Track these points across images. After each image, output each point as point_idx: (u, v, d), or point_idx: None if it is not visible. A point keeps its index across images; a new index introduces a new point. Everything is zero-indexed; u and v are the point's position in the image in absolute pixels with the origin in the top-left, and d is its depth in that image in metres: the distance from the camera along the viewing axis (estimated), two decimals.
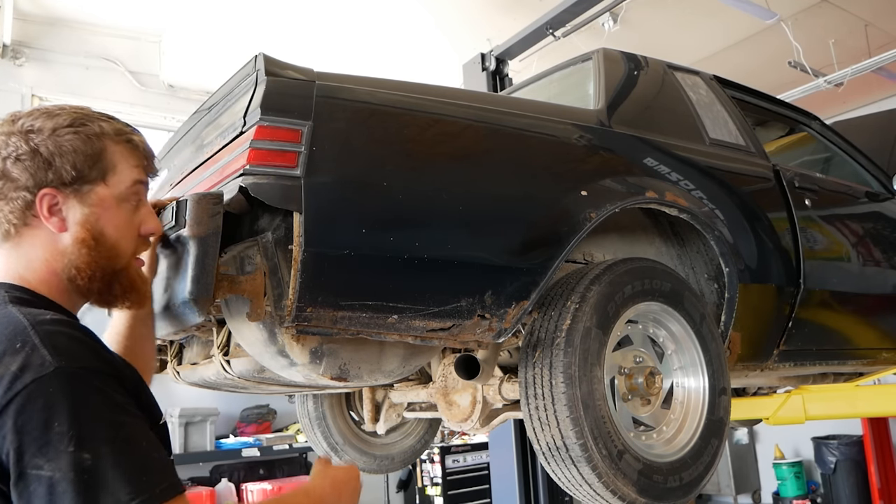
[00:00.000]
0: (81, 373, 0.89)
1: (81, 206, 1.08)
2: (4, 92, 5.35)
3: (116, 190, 1.11)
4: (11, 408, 0.85)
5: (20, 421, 0.84)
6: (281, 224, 1.44)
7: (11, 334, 0.91)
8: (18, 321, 0.93)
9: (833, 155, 3.19)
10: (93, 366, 0.92)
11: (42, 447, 0.83)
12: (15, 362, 0.87)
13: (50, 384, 0.86)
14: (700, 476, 1.79)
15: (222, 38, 5.43)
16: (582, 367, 1.62)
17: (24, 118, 1.09)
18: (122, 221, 1.12)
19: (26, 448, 0.83)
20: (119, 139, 1.12)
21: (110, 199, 1.10)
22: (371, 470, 2.68)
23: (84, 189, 1.08)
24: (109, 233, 1.10)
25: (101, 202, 1.09)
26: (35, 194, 1.05)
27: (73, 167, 1.06)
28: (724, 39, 5.81)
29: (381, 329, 1.49)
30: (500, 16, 5.27)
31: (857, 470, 6.10)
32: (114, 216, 1.11)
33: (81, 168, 1.07)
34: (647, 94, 2.31)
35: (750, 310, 2.16)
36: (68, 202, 1.08)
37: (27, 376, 0.86)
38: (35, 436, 0.84)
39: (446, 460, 6.31)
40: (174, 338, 1.95)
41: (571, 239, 1.71)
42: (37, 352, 0.88)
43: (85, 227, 1.08)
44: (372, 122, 1.57)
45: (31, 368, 0.87)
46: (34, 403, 0.85)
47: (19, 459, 0.83)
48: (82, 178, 1.07)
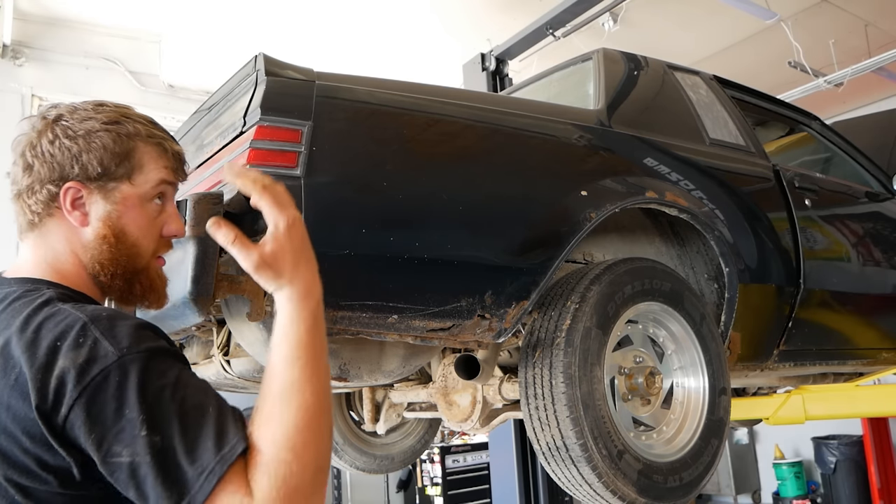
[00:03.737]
0: (140, 357, 0.92)
1: (105, 202, 1.09)
2: (4, 92, 5.35)
3: (141, 189, 1.11)
4: (82, 400, 0.88)
5: (93, 412, 0.88)
6: None
7: (71, 330, 0.93)
8: (76, 317, 0.95)
9: (833, 155, 3.19)
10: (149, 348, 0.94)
11: (117, 434, 0.87)
12: (80, 356, 0.90)
13: (115, 374, 0.89)
14: (700, 476, 1.79)
15: (222, 38, 5.43)
16: (582, 367, 1.62)
17: (62, 111, 1.10)
18: (144, 221, 1.12)
19: (103, 437, 0.87)
20: (151, 141, 1.13)
21: (134, 197, 1.11)
22: (371, 470, 2.68)
23: (109, 186, 1.09)
24: (131, 231, 1.11)
25: (125, 200, 1.10)
26: (60, 187, 1.06)
27: (99, 163, 1.07)
28: (724, 39, 5.81)
29: (381, 329, 1.49)
30: (501, 15, 5.28)
31: (857, 470, 6.10)
32: (137, 215, 1.11)
33: (108, 165, 1.08)
34: (647, 95, 2.31)
35: (750, 310, 2.16)
36: (92, 197, 1.08)
37: (93, 369, 0.89)
38: (109, 425, 0.87)
39: (446, 460, 6.31)
40: (174, 338, 1.95)
41: (571, 239, 1.71)
42: (99, 344, 0.91)
43: (107, 224, 1.09)
44: (372, 122, 1.57)
45: (97, 361, 0.89)
46: (104, 394, 0.88)
47: (99, 447, 0.87)
48: (108, 174, 1.08)
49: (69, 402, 0.88)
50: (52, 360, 0.90)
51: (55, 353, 0.90)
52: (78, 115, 1.09)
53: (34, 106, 5.50)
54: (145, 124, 1.14)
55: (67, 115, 1.09)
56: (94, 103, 1.13)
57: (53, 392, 0.88)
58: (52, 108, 1.12)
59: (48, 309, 0.98)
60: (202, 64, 5.74)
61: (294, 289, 1.00)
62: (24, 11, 5.30)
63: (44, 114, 1.11)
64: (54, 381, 0.89)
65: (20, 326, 0.96)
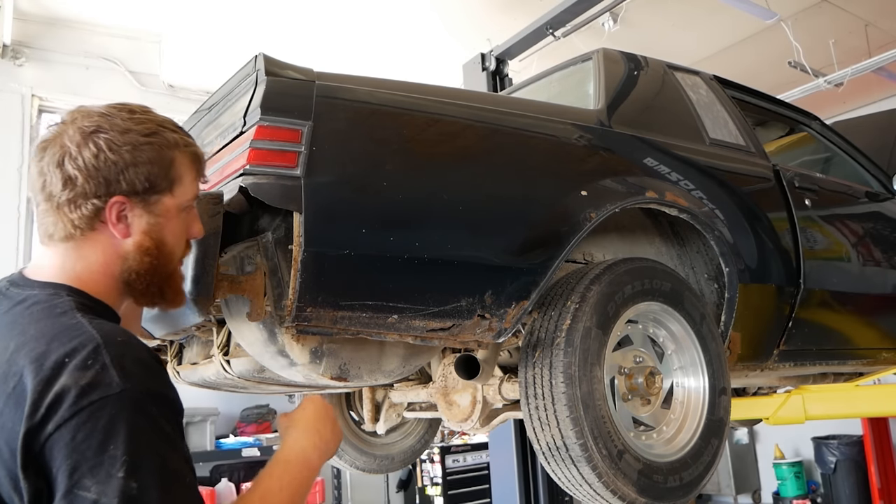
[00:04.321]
0: (143, 398, 0.90)
1: (148, 214, 1.10)
2: (4, 92, 5.35)
3: (180, 200, 1.13)
4: (73, 422, 0.86)
5: (78, 437, 0.85)
6: (281, 224, 1.45)
7: (83, 350, 0.91)
8: (90, 336, 0.93)
9: (833, 155, 3.19)
10: (154, 391, 0.93)
11: (94, 468, 0.84)
12: (84, 378, 0.88)
13: (113, 406, 0.87)
14: (700, 476, 1.79)
15: (222, 38, 5.43)
16: (582, 367, 1.62)
17: (98, 122, 1.07)
18: (180, 230, 1.15)
19: (78, 466, 0.84)
20: (186, 150, 1.15)
21: (174, 209, 1.13)
22: (371, 470, 2.68)
23: (152, 199, 1.10)
24: (169, 240, 1.13)
25: (167, 212, 1.12)
26: (106, 202, 1.06)
27: (146, 178, 1.08)
28: (724, 39, 5.81)
29: (381, 329, 1.49)
30: (501, 15, 5.28)
31: (857, 470, 6.10)
32: (175, 225, 1.14)
33: (154, 179, 1.09)
34: (647, 95, 2.31)
35: (750, 310, 2.16)
36: (135, 210, 1.09)
37: (94, 394, 0.87)
38: (89, 455, 0.85)
39: (446, 460, 6.31)
40: (174, 338, 1.95)
41: (571, 239, 1.71)
42: (106, 371, 0.89)
43: (149, 236, 1.10)
44: (372, 122, 1.57)
45: (99, 387, 0.88)
46: (95, 422, 0.86)
47: (70, 475, 0.84)
48: (153, 188, 1.09)
49: (58, 421, 0.85)
50: (57, 375, 0.88)
51: (61, 368, 0.89)
52: (117, 126, 1.07)
53: (34, 106, 5.49)
54: (177, 132, 1.15)
55: (106, 126, 1.07)
56: (125, 110, 1.11)
57: (47, 407, 0.86)
58: (82, 115, 1.09)
59: (65, 320, 0.97)
60: (202, 64, 5.74)
61: None
62: (24, 11, 5.29)
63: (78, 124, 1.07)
64: (52, 395, 0.87)
65: (34, 335, 0.95)
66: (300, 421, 1.22)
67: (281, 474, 1.10)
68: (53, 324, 0.96)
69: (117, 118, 1.09)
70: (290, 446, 1.17)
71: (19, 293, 1.05)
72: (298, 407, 1.27)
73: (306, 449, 1.17)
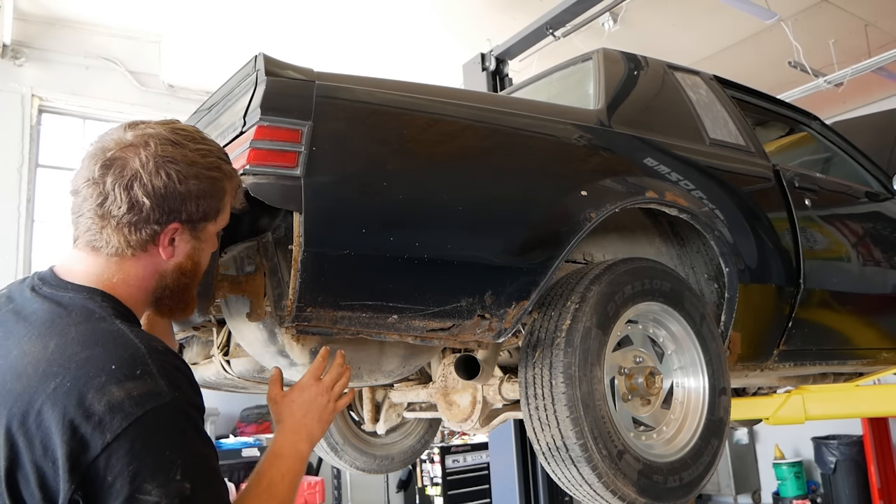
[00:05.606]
0: (188, 406, 0.97)
1: (194, 240, 1.15)
2: (4, 92, 5.36)
3: (219, 226, 1.20)
4: (130, 431, 0.89)
5: (137, 445, 0.89)
6: (281, 224, 1.45)
7: (131, 359, 0.95)
8: (135, 346, 0.97)
9: (833, 155, 3.19)
10: (194, 400, 1.00)
11: (154, 473, 0.89)
12: (136, 388, 0.92)
13: (166, 414, 0.93)
14: (700, 476, 1.79)
15: (222, 38, 5.43)
16: (582, 367, 1.62)
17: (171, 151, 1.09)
18: (211, 249, 1.21)
19: (139, 472, 0.89)
20: (233, 181, 1.20)
21: (213, 233, 1.19)
22: (371, 470, 2.68)
23: (200, 226, 1.15)
24: (202, 260, 1.19)
25: (209, 237, 1.18)
26: (163, 228, 1.09)
27: (204, 209, 1.13)
28: (724, 39, 5.81)
29: (381, 329, 1.49)
30: (501, 15, 5.28)
31: (857, 470, 6.10)
32: (209, 246, 1.20)
33: (207, 211, 1.14)
34: (647, 95, 2.31)
35: (750, 310, 2.16)
36: (184, 235, 1.13)
37: (147, 403, 0.91)
38: (149, 462, 0.89)
39: (446, 460, 6.31)
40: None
41: (571, 239, 1.71)
42: (156, 381, 0.94)
43: (191, 258, 1.16)
44: (372, 122, 1.57)
45: (151, 397, 0.92)
46: (151, 430, 0.91)
47: (132, 480, 0.88)
48: (205, 217, 1.15)
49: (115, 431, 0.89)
50: (107, 384, 0.91)
51: (110, 377, 0.91)
52: (187, 158, 1.10)
53: (34, 106, 5.50)
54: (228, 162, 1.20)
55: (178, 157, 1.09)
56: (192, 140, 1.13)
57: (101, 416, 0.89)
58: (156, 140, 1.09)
59: (105, 326, 0.99)
60: (202, 64, 5.74)
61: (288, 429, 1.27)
62: (24, 11, 5.30)
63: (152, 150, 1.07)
64: (104, 406, 0.89)
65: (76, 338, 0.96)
66: (288, 416, 1.29)
67: (280, 466, 1.20)
68: (94, 329, 0.98)
69: (187, 148, 1.11)
70: (281, 442, 1.25)
71: (54, 293, 1.06)
72: (294, 390, 1.33)
73: (297, 442, 1.26)
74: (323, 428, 1.32)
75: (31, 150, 5.43)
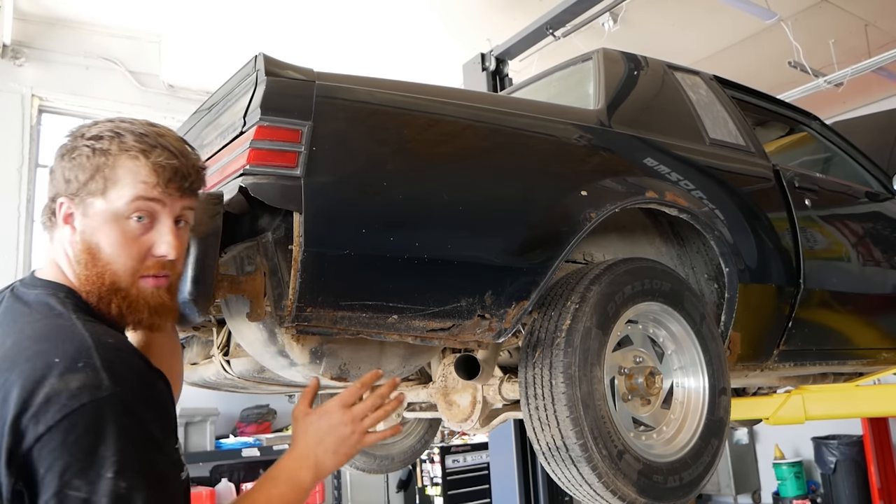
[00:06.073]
0: (133, 402, 0.92)
1: (83, 218, 1.10)
2: (4, 92, 5.35)
3: (114, 205, 1.08)
4: (63, 424, 0.87)
5: (69, 438, 0.87)
6: (281, 224, 1.45)
7: (75, 352, 0.93)
8: (82, 339, 0.95)
9: (833, 155, 3.19)
10: (144, 396, 0.95)
11: (84, 468, 0.86)
12: (75, 380, 0.89)
13: (103, 408, 0.89)
14: (700, 476, 1.79)
15: (222, 38, 5.43)
16: (582, 367, 1.62)
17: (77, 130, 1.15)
18: (119, 238, 1.09)
19: (69, 466, 0.86)
20: (128, 154, 1.10)
21: (107, 213, 1.09)
22: (371, 470, 2.68)
23: (87, 201, 1.09)
24: (105, 248, 1.08)
25: (97, 215, 1.09)
26: (56, 201, 1.11)
27: (75, 178, 1.09)
28: (724, 39, 5.81)
29: (381, 329, 1.49)
30: (501, 15, 5.27)
31: (857, 470, 6.10)
32: (110, 231, 1.08)
33: (84, 180, 1.09)
34: (647, 94, 2.31)
35: (750, 310, 2.16)
36: (76, 212, 1.10)
37: (84, 396, 0.89)
38: (80, 457, 0.87)
39: (446, 460, 6.31)
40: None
41: (571, 239, 1.71)
42: (97, 374, 0.91)
43: (83, 239, 1.09)
44: (372, 122, 1.57)
45: (89, 389, 0.89)
46: (86, 424, 0.88)
47: (61, 475, 0.86)
48: (84, 189, 1.09)
49: (49, 423, 0.87)
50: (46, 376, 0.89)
51: (51, 369, 0.90)
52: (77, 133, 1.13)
53: (34, 106, 5.50)
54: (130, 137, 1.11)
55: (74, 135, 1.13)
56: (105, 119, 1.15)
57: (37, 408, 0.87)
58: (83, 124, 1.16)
59: (61, 321, 0.99)
60: (202, 64, 5.74)
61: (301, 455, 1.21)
62: (24, 11, 5.29)
63: None
64: (41, 397, 0.88)
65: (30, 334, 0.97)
66: (301, 439, 1.23)
67: (270, 489, 1.15)
68: (49, 324, 0.98)
69: (89, 126, 1.14)
70: (282, 465, 1.19)
71: (25, 292, 1.08)
72: (316, 411, 1.27)
73: (299, 469, 1.19)
74: (338, 461, 1.23)
75: (31, 150, 5.43)
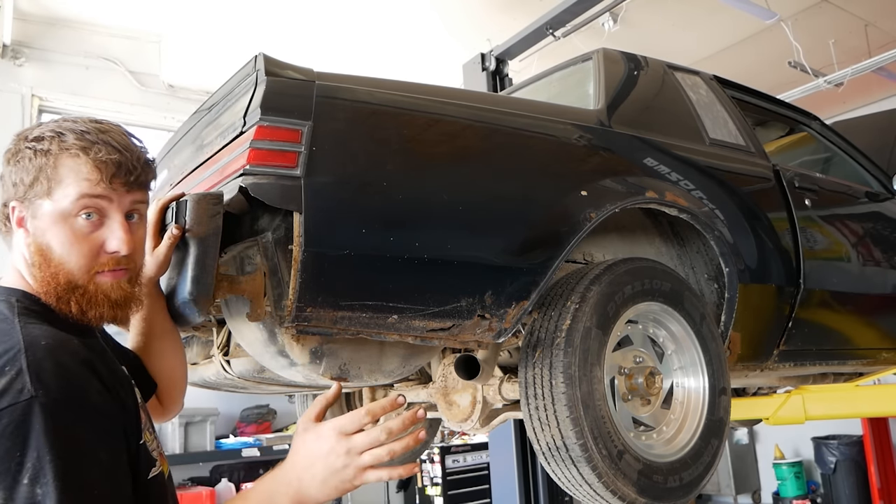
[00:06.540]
0: (56, 406, 0.88)
1: (33, 219, 1.09)
2: (4, 92, 5.35)
3: (59, 205, 1.07)
4: None
5: None
6: (281, 224, 1.44)
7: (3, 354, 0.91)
8: (14, 342, 0.93)
9: (833, 155, 3.19)
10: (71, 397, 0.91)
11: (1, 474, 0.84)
12: None
13: (22, 413, 0.86)
14: (700, 476, 1.79)
15: (222, 38, 5.42)
16: (582, 367, 1.62)
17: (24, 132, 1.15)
18: (68, 237, 1.07)
19: None
20: (69, 153, 1.09)
21: (54, 213, 1.08)
22: None
23: (35, 203, 1.09)
24: (55, 248, 1.07)
25: (45, 216, 1.08)
26: (8, 204, 1.11)
27: (20, 181, 1.09)
28: (724, 39, 5.81)
29: (381, 329, 1.49)
30: (501, 15, 5.27)
31: (857, 470, 6.10)
32: (59, 231, 1.07)
33: (28, 182, 1.08)
34: (646, 94, 2.31)
35: (750, 310, 2.16)
36: (27, 214, 1.10)
37: (3, 401, 0.86)
38: None
39: (446, 460, 6.31)
40: None
41: (571, 239, 1.71)
42: (20, 377, 0.88)
43: (35, 241, 1.08)
44: (372, 122, 1.57)
45: (9, 393, 0.87)
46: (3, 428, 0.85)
47: None
48: (30, 191, 1.09)
49: None
50: None
51: None
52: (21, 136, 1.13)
53: (34, 106, 5.50)
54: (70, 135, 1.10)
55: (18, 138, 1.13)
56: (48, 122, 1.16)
57: None
58: None
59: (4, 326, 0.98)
60: (202, 64, 5.73)
61: None
62: (24, 11, 5.29)
63: None
64: None
65: None
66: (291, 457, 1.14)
67: None
68: None
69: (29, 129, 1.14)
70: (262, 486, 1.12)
71: None
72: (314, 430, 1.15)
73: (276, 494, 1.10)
74: (326, 494, 1.10)
75: None
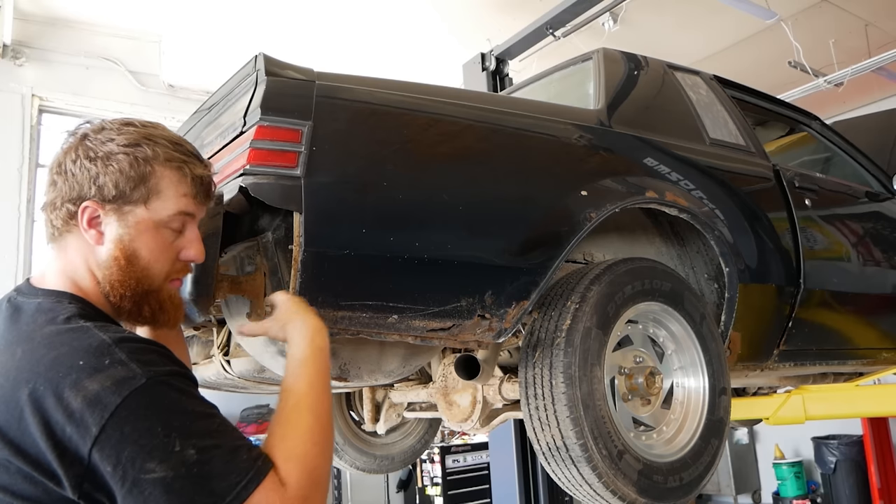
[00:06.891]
0: (167, 378, 0.95)
1: (119, 224, 1.10)
2: (4, 92, 5.36)
3: (157, 216, 1.12)
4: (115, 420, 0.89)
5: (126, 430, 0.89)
6: (281, 224, 1.45)
7: (97, 351, 0.94)
8: (99, 338, 0.96)
9: (833, 155, 3.19)
10: (173, 370, 0.97)
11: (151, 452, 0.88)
12: (109, 378, 0.91)
13: (144, 395, 0.91)
14: (700, 476, 1.79)
15: (222, 38, 5.43)
16: (582, 367, 1.62)
17: (88, 130, 1.13)
18: (157, 245, 1.13)
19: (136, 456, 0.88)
20: (169, 165, 1.13)
21: (149, 222, 1.11)
22: (371, 470, 2.68)
23: (125, 209, 1.10)
24: (143, 255, 1.11)
25: (138, 224, 1.11)
26: (78, 206, 1.09)
27: (115, 186, 1.09)
28: (724, 39, 5.81)
29: (381, 329, 1.48)
30: (501, 15, 5.28)
31: (857, 470, 6.10)
32: (150, 239, 1.12)
33: (123, 188, 1.09)
34: (647, 94, 2.31)
35: (750, 310, 2.16)
36: (108, 218, 1.10)
37: (125, 389, 0.90)
38: (142, 444, 0.89)
39: (446, 460, 6.31)
40: None
41: (571, 239, 1.71)
42: (127, 366, 0.93)
43: (118, 246, 1.10)
44: (372, 122, 1.57)
45: (126, 382, 0.91)
46: (136, 414, 0.90)
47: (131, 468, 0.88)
48: (123, 197, 1.10)
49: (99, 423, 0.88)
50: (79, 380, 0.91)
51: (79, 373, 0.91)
52: (101, 136, 1.11)
53: (34, 106, 5.50)
54: (167, 147, 1.14)
55: (92, 135, 1.11)
56: (121, 122, 1.14)
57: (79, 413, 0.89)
58: (85, 124, 1.15)
59: (70, 325, 0.99)
60: (202, 64, 5.74)
61: None
62: (24, 11, 5.30)
63: (74, 130, 1.14)
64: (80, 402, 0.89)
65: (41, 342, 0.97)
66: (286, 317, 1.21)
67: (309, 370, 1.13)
68: (58, 330, 0.98)
69: (108, 129, 1.12)
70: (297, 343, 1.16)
71: (24, 301, 1.07)
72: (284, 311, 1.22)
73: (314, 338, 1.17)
74: None
75: (31, 150, 5.43)
